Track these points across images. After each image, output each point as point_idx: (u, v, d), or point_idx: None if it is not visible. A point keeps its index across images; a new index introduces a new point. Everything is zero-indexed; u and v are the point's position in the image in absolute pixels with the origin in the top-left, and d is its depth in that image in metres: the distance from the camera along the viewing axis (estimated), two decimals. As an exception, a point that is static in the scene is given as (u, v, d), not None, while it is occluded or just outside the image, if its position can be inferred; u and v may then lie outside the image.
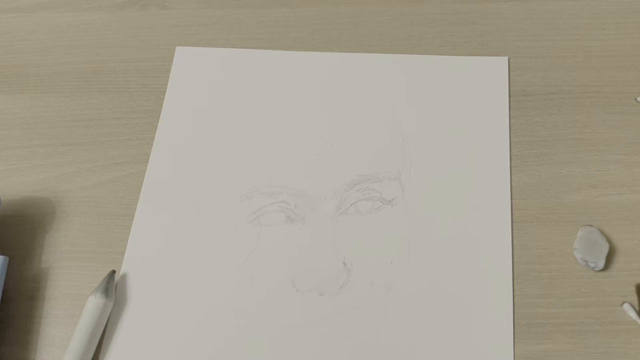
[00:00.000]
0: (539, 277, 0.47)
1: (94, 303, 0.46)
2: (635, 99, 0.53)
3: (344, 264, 0.48)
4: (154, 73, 0.57)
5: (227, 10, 0.60)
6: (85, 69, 0.58)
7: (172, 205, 0.51)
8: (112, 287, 0.47)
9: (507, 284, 0.47)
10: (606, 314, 0.45)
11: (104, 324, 0.46)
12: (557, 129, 0.52)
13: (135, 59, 0.58)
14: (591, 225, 0.48)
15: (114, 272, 0.48)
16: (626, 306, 0.45)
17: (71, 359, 0.44)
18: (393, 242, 0.48)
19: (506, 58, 0.55)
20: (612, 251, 0.47)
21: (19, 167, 0.54)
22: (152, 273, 0.48)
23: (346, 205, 0.50)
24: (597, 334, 0.45)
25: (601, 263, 0.46)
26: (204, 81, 0.56)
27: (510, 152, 0.51)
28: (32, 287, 0.49)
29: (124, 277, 0.48)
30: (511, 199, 0.50)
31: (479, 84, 0.54)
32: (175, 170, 0.52)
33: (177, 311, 0.47)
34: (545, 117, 0.53)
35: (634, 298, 0.46)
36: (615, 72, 0.55)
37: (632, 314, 0.45)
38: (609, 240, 0.48)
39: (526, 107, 0.53)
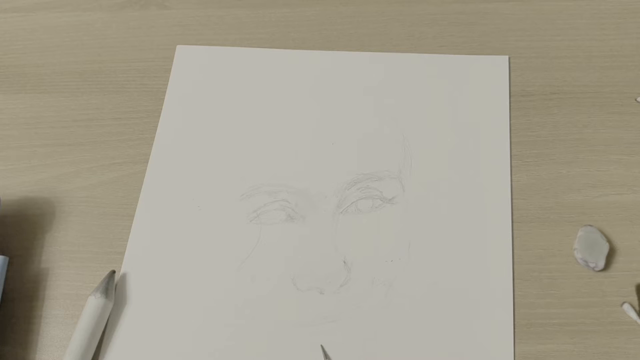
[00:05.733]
0: (539, 278, 0.47)
1: (94, 303, 0.46)
2: (635, 99, 0.53)
3: (344, 262, 0.48)
4: (154, 73, 0.57)
5: (227, 10, 0.60)
6: (85, 69, 0.58)
7: (172, 205, 0.51)
8: (112, 287, 0.47)
9: (508, 283, 0.47)
10: (606, 314, 0.45)
11: (104, 324, 0.46)
12: (557, 129, 0.52)
13: (135, 59, 0.58)
14: (591, 225, 0.48)
15: (114, 272, 0.48)
16: (626, 306, 0.45)
17: (71, 359, 0.44)
18: (393, 240, 0.48)
19: (507, 57, 0.55)
20: (612, 251, 0.47)
21: (19, 167, 0.54)
22: (152, 273, 0.48)
23: (346, 203, 0.50)
24: (597, 334, 0.45)
25: (601, 263, 0.46)
26: (204, 79, 0.56)
27: (510, 152, 0.51)
28: (32, 287, 0.49)
29: (124, 277, 0.48)
30: (511, 199, 0.50)
31: (480, 82, 0.54)
32: (175, 170, 0.52)
33: (177, 311, 0.47)
34: (545, 117, 0.53)
35: (634, 298, 0.46)
36: (615, 72, 0.55)
37: (632, 314, 0.45)
38: (609, 240, 0.48)
39: (526, 107, 0.53)
